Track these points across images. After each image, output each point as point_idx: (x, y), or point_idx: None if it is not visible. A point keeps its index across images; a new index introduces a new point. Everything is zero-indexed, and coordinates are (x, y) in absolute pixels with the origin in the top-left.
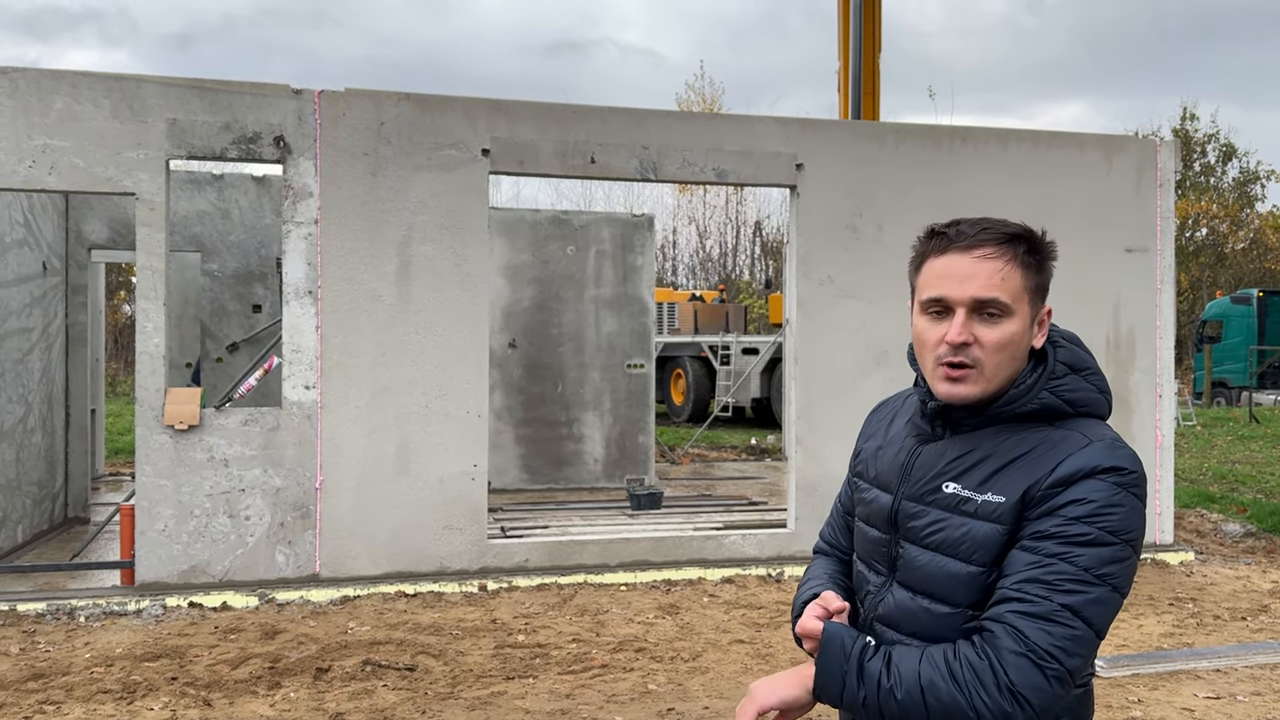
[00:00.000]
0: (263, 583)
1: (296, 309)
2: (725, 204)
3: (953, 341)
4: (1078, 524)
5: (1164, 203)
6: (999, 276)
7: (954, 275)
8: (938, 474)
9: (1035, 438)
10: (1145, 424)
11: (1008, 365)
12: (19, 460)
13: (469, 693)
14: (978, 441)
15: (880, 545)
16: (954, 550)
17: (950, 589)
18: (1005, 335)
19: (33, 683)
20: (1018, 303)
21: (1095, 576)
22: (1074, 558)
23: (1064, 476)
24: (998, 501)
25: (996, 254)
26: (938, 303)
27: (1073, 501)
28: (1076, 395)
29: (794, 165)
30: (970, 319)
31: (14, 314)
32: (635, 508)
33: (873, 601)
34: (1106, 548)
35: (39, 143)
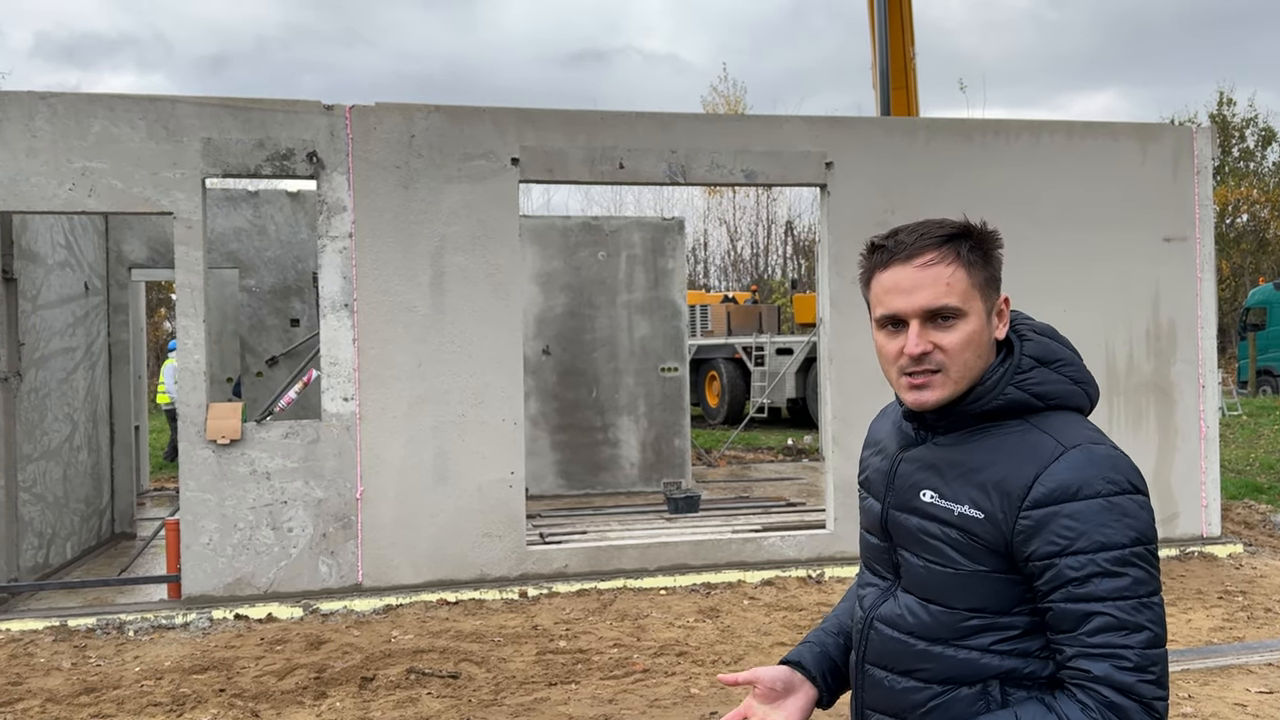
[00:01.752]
0: (307, 593)
1: (333, 322)
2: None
3: (912, 353)
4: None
5: (1202, 190)
6: (944, 282)
7: (900, 289)
8: (916, 483)
9: (1008, 441)
10: (1189, 415)
11: (974, 362)
12: (66, 478)
13: (512, 699)
14: (952, 447)
15: (882, 552)
16: (940, 556)
17: (944, 593)
18: (963, 336)
19: (85, 697)
20: (969, 302)
21: (1147, 595)
22: (1123, 593)
23: (1043, 497)
24: (975, 516)
25: (937, 258)
26: (891, 318)
27: (1078, 536)
28: (1045, 388)
29: (823, 164)
30: (925, 328)
31: (58, 334)
32: (673, 511)
33: (874, 602)
34: (1136, 566)
35: (78, 165)
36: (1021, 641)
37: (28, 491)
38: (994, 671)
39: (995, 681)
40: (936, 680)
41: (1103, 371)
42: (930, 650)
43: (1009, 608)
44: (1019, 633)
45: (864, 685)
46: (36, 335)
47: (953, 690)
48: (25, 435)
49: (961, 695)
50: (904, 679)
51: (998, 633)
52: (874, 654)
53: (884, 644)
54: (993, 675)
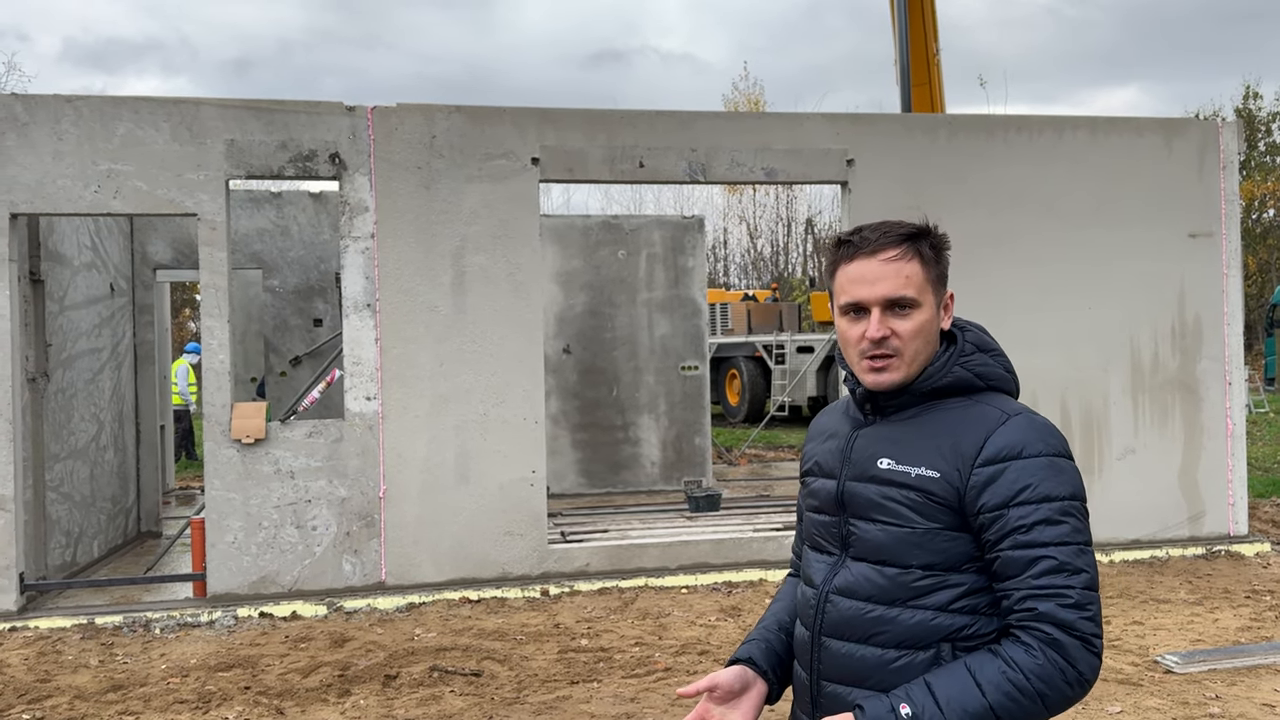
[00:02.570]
0: (330, 591)
1: (356, 322)
2: (775, 202)
3: (873, 337)
4: (1043, 506)
5: (1228, 185)
6: (903, 275)
7: (864, 279)
8: (873, 453)
9: (954, 413)
10: (1215, 412)
11: (924, 349)
12: (93, 477)
13: (534, 697)
14: (904, 421)
15: (831, 527)
16: (897, 518)
17: (898, 553)
18: (917, 324)
19: (112, 694)
20: (924, 294)
21: (1083, 543)
22: (1064, 539)
23: (994, 454)
24: (931, 475)
25: (899, 254)
26: (854, 306)
27: (1025, 487)
28: (985, 370)
29: (844, 161)
30: (885, 315)
31: (84, 335)
32: (694, 510)
33: (826, 576)
34: (1074, 517)
35: (104, 168)
36: (970, 599)
37: (55, 491)
38: (945, 632)
39: (946, 644)
40: (893, 644)
41: (1127, 369)
42: (887, 614)
43: (959, 565)
44: (966, 589)
45: (820, 658)
46: (63, 336)
47: (909, 654)
48: (53, 435)
49: (918, 660)
50: (862, 646)
51: (948, 590)
52: (830, 626)
53: (840, 614)
54: (944, 637)
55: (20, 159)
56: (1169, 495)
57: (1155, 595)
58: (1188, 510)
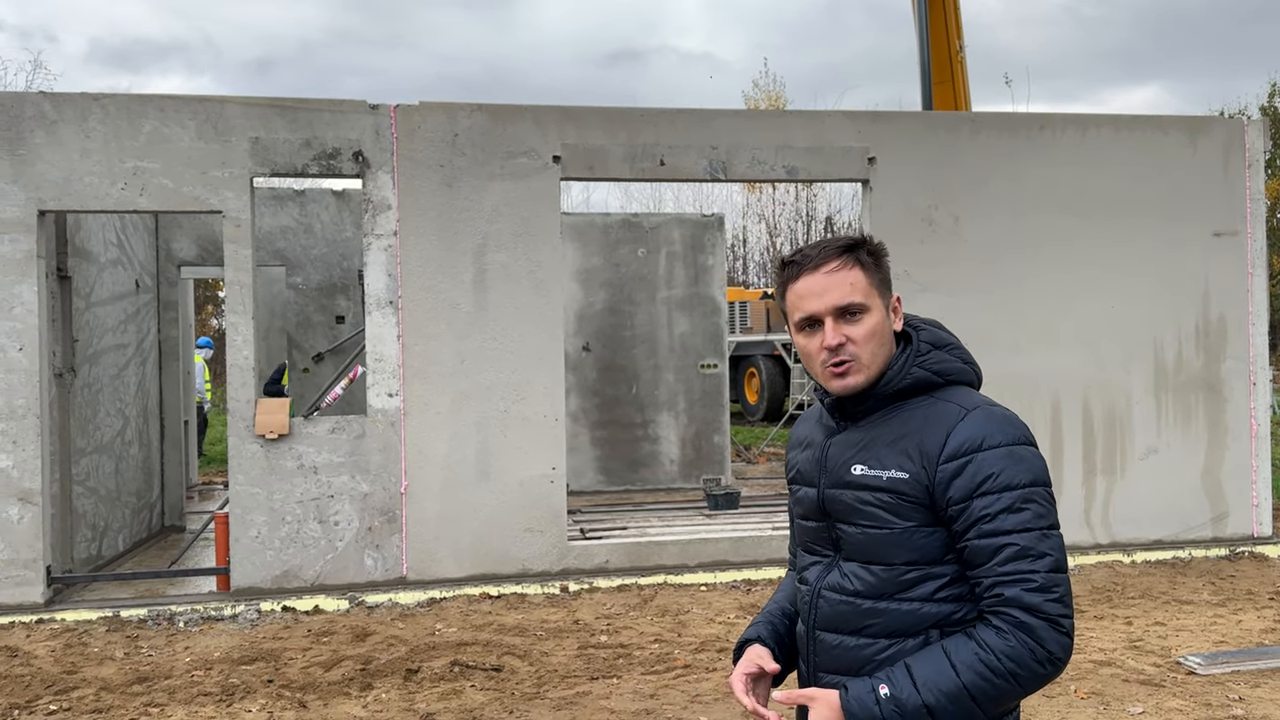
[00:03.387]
0: (352, 586)
1: (379, 319)
2: (795, 200)
3: (829, 345)
4: (1004, 495)
5: (1253, 184)
6: (848, 283)
7: (813, 293)
8: (846, 460)
9: (918, 413)
10: (1239, 413)
11: (880, 351)
12: (118, 471)
13: (554, 693)
14: (872, 425)
15: (821, 532)
16: (875, 520)
17: (882, 552)
18: (869, 328)
19: (137, 686)
20: (870, 299)
21: (1047, 527)
22: (1026, 525)
23: (956, 450)
24: (901, 477)
25: (840, 265)
26: (808, 319)
27: (986, 478)
28: (942, 366)
29: (866, 159)
30: (838, 323)
31: (110, 330)
32: (713, 508)
33: (819, 575)
34: (1036, 503)
35: (130, 165)
36: (953, 588)
37: (81, 485)
38: (933, 619)
39: (935, 630)
40: (884, 634)
41: (1150, 368)
42: (876, 607)
43: (940, 557)
44: (949, 579)
45: (815, 651)
46: (90, 332)
47: (899, 642)
48: (79, 430)
49: (908, 647)
50: (854, 638)
51: (933, 582)
52: (823, 620)
53: (832, 609)
54: (932, 624)
55: (48, 156)
56: (1192, 496)
57: (1178, 596)
58: (1211, 511)
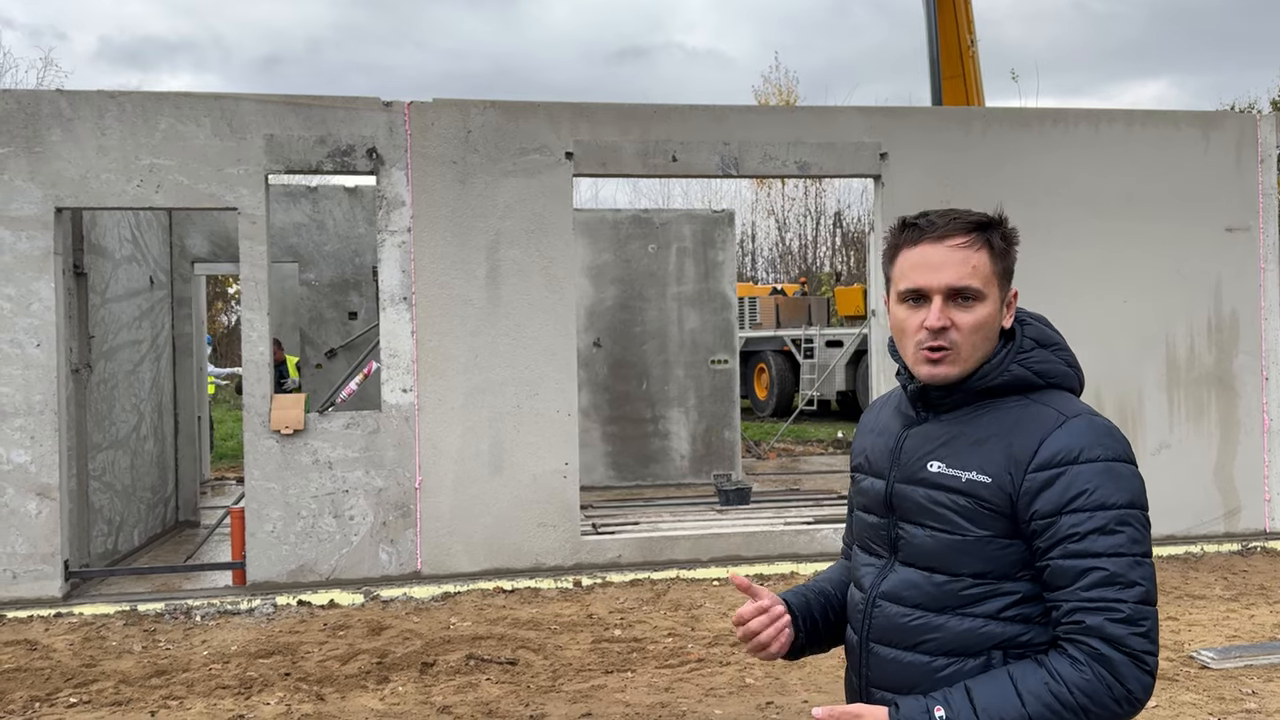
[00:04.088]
0: (367, 580)
1: (393, 315)
2: (804, 195)
3: (932, 327)
4: (1097, 515)
5: (1266, 179)
6: (970, 265)
7: (928, 265)
8: (923, 455)
9: (1010, 414)
10: (1251, 408)
11: (982, 345)
12: (133, 467)
13: (570, 686)
14: (957, 420)
15: (880, 529)
16: (946, 524)
17: (948, 560)
18: (979, 318)
19: (156, 679)
20: (988, 287)
21: (1141, 554)
22: (1119, 549)
23: (1049, 459)
24: (982, 481)
25: (966, 242)
26: (915, 292)
27: (1079, 494)
28: (1045, 367)
29: (878, 155)
30: (946, 305)
31: (125, 327)
32: (724, 503)
33: (874, 580)
34: (1132, 526)
35: (146, 162)
36: (1023, 607)
37: (98, 480)
38: (996, 640)
39: (998, 652)
40: (942, 652)
41: (1163, 363)
42: (934, 621)
43: (1012, 573)
44: (1020, 597)
45: (868, 664)
46: (105, 328)
47: (958, 661)
48: (95, 425)
49: (968, 667)
50: (910, 653)
51: (1000, 599)
52: (878, 632)
53: (888, 620)
54: (995, 644)
55: (65, 154)
56: (1204, 491)
57: (1190, 591)
58: (1223, 506)
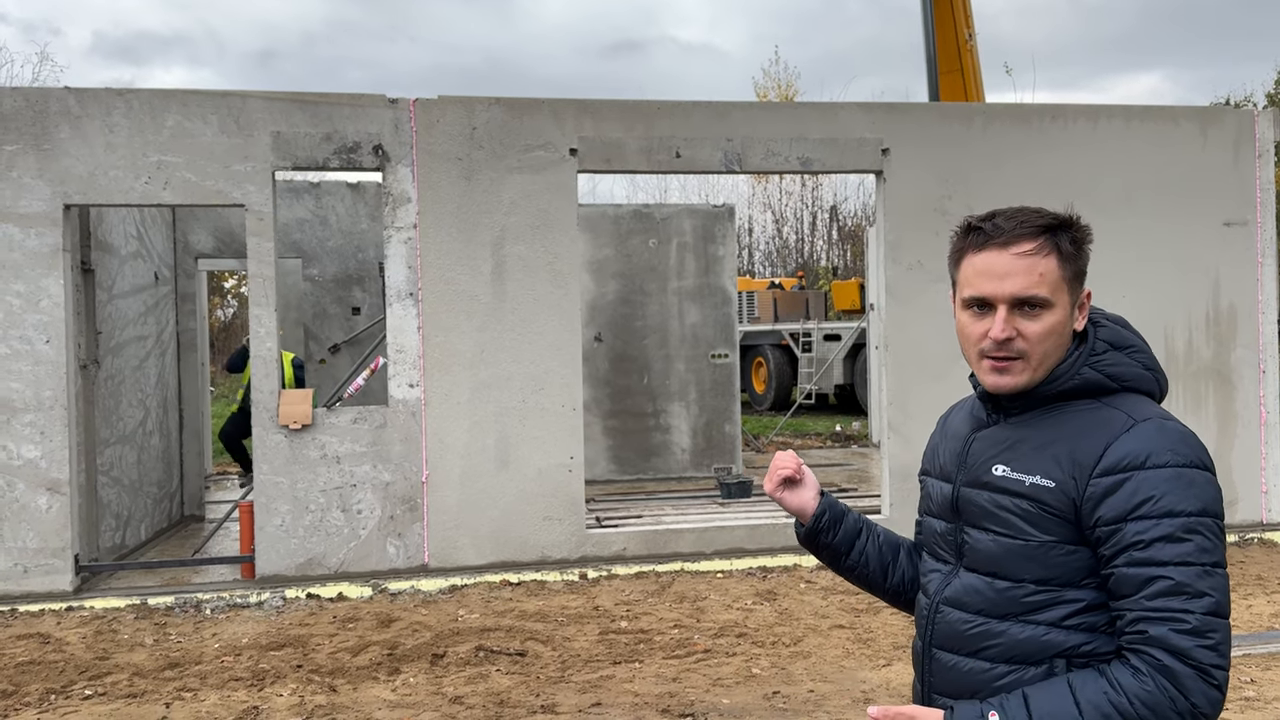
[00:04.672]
0: (375, 573)
1: (399, 310)
2: (801, 189)
3: (996, 338)
4: (1164, 522)
5: (1263, 174)
6: (1037, 273)
7: (993, 273)
8: (989, 458)
9: (1079, 417)
10: (1249, 401)
11: (1054, 352)
12: (140, 462)
13: (579, 677)
14: (1025, 424)
15: (947, 535)
16: (1010, 528)
17: (1010, 566)
18: (1047, 326)
19: (169, 671)
20: (1057, 294)
21: (1211, 564)
22: (1186, 558)
23: (1114, 464)
24: (1046, 485)
25: (1034, 249)
26: (979, 300)
27: (1145, 500)
28: (1118, 370)
29: (880, 150)
30: (1012, 314)
31: (131, 322)
32: (725, 496)
33: (939, 586)
34: (1201, 535)
35: (154, 159)
36: (1088, 616)
37: (105, 475)
38: (1059, 648)
39: (1061, 660)
40: (1003, 659)
41: (1162, 357)
42: (995, 627)
43: (1076, 580)
44: (1084, 605)
45: (931, 669)
46: (112, 324)
47: (1020, 669)
48: (103, 420)
49: (1029, 676)
50: (971, 660)
51: (1064, 606)
52: (940, 637)
53: (950, 626)
54: (1058, 653)
55: (73, 151)
56: None
57: None
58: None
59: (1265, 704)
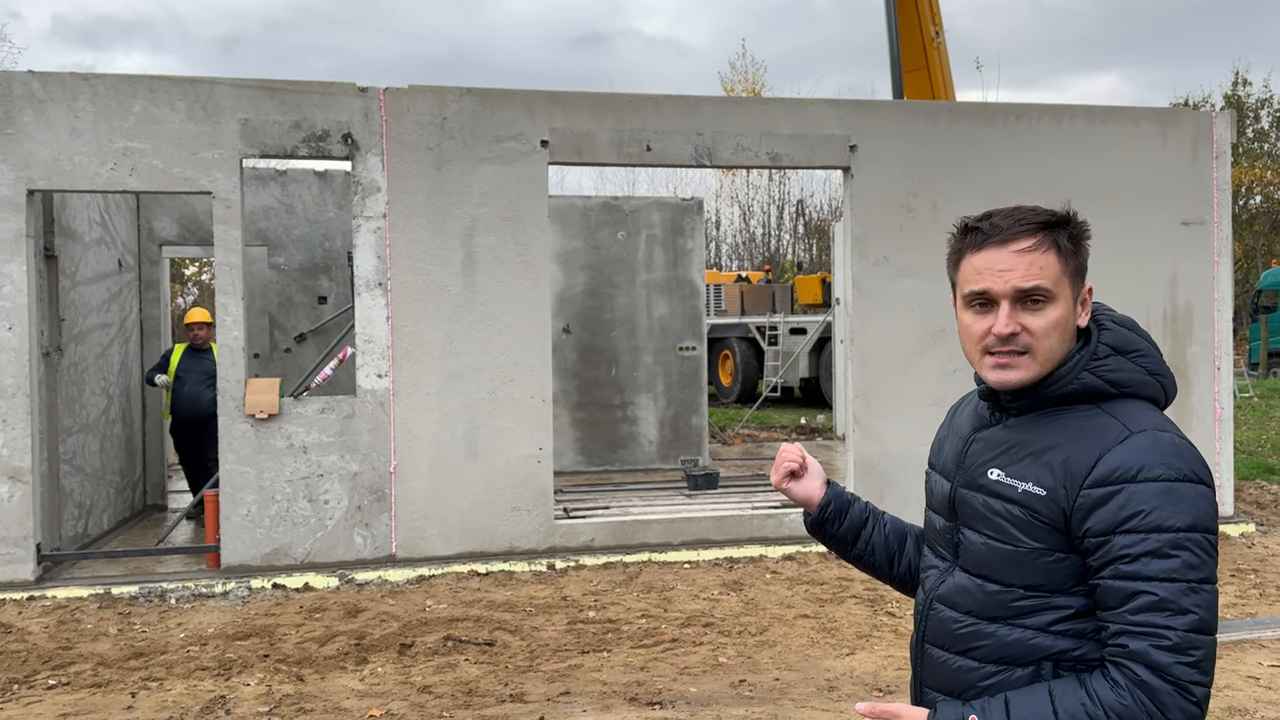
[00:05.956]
0: (342, 564)
1: (368, 300)
2: (768, 184)
3: (1001, 334)
4: (1152, 537)
5: (1220, 174)
6: (1037, 266)
7: (993, 269)
8: (985, 461)
9: (1075, 424)
10: (1204, 397)
11: (1059, 346)
12: (103, 450)
13: (547, 666)
14: (1023, 427)
15: (945, 533)
16: (1001, 533)
17: (1000, 570)
18: (1051, 320)
19: (134, 661)
20: (1059, 287)
21: (1198, 580)
22: (1172, 574)
23: (1105, 475)
24: (1038, 493)
25: (1033, 245)
26: (981, 296)
27: (1134, 515)
28: (1119, 376)
29: (848, 147)
30: (1015, 309)
31: (94, 310)
32: (692, 488)
33: (934, 583)
34: (1189, 550)
35: (119, 145)
36: (1076, 622)
37: (68, 463)
38: (1046, 652)
39: (1048, 663)
40: (991, 660)
41: None
42: (985, 628)
43: (1066, 586)
44: (1073, 612)
45: (923, 664)
46: (75, 311)
47: (1007, 671)
48: (65, 408)
49: (1016, 676)
50: (960, 658)
51: (1052, 612)
52: (933, 634)
53: (941, 624)
54: (1045, 656)
55: (38, 136)
56: None
57: None
58: None
59: (1216, 691)
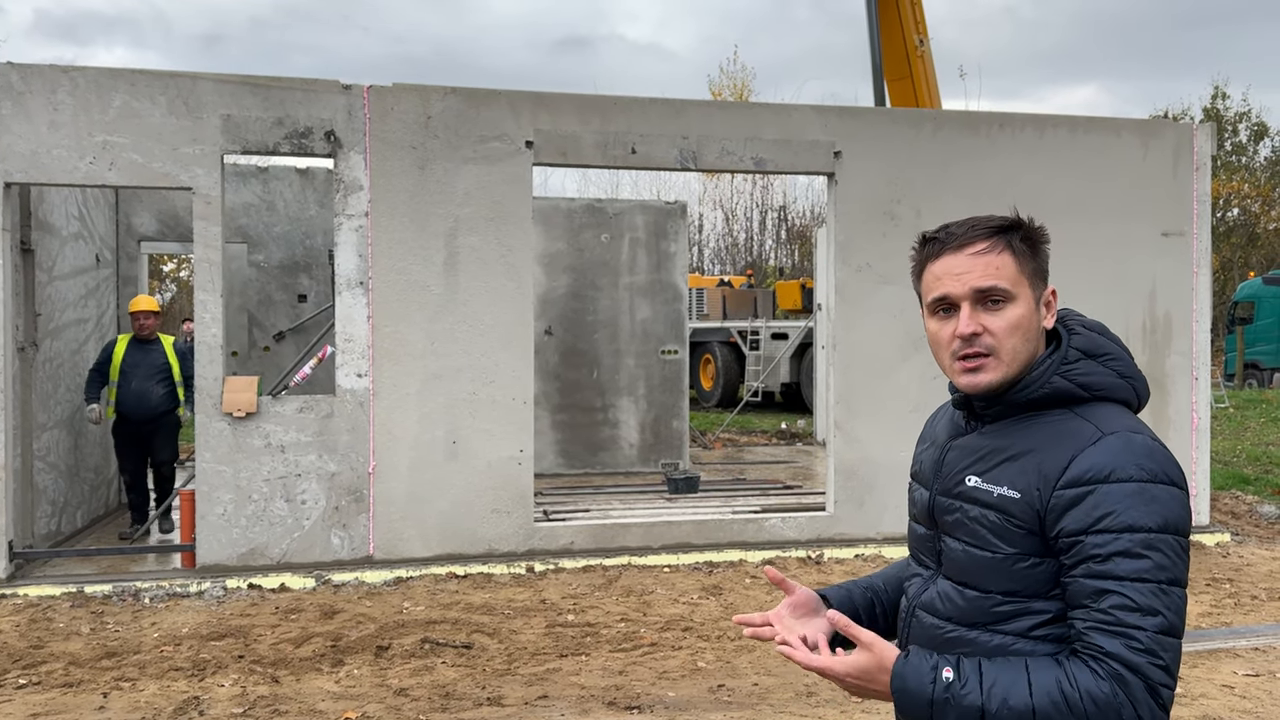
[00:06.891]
0: (319, 564)
1: (349, 299)
2: (752, 188)
3: (963, 334)
4: (1123, 537)
5: (1200, 186)
6: (993, 267)
7: (951, 273)
8: (962, 469)
9: (1048, 428)
10: (1182, 407)
11: (1023, 348)
12: (77, 447)
13: (525, 669)
14: (997, 433)
15: (927, 541)
16: (978, 540)
17: (979, 577)
18: (1012, 319)
19: (106, 661)
20: (1018, 287)
21: (1167, 581)
22: (1142, 574)
23: (1077, 477)
24: (1012, 497)
25: (988, 247)
26: (943, 301)
27: (1105, 515)
28: (1090, 379)
29: (832, 153)
30: (975, 310)
31: (71, 305)
32: (673, 491)
33: (917, 591)
34: (1159, 551)
35: (99, 139)
36: (1055, 627)
37: (42, 460)
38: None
39: None
40: None
41: None
42: (965, 635)
43: (1044, 591)
44: (1051, 616)
45: None
46: (52, 306)
47: None
48: (40, 404)
49: None
50: None
51: (1031, 617)
52: (915, 639)
53: (923, 630)
54: None
55: (15, 128)
56: None
57: None
58: None
59: (1191, 700)
